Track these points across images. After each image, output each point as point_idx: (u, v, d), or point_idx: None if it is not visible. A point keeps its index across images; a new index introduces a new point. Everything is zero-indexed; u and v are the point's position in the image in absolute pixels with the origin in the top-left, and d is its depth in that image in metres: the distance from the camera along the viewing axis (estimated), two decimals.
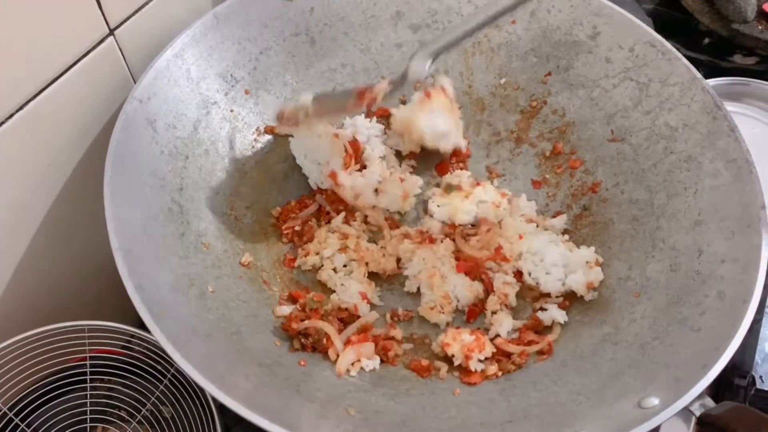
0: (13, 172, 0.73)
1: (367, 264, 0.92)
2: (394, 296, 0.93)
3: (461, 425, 0.74)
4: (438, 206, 0.97)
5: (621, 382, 0.72)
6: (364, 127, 1.01)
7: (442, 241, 0.94)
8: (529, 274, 0.90)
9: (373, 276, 0.93)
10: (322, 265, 0.92)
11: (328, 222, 0.96)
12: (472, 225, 0.96)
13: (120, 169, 0.74)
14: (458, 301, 0.90)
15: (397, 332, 0.88)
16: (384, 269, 0.93)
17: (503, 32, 1.01)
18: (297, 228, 0.95)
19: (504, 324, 0.86)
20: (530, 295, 0.91)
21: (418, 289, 0.92)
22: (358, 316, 0.87)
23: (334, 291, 0.90)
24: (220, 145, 0.92)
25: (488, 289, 0.91)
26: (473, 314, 0.90)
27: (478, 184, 0.99)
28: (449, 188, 0.99)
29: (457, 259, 0.93)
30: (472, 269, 0.92)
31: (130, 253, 0.69)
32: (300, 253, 0.93)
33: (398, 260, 0.94)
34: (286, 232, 0.94)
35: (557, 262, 0.89)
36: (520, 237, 0.92)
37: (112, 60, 0.80)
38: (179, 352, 0.64)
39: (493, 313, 0.88)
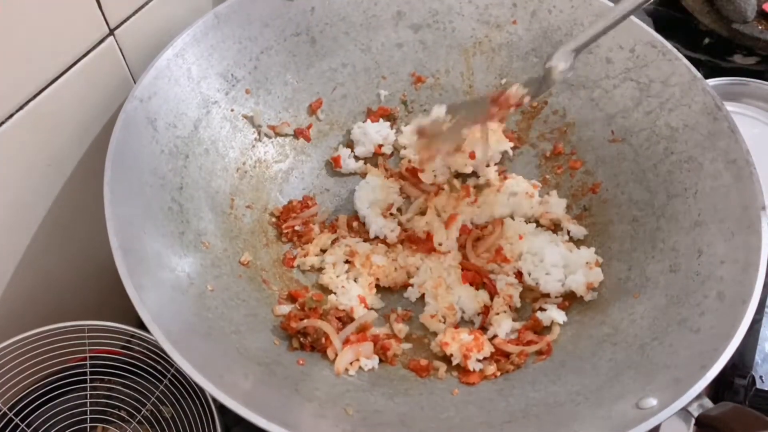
0: (13, 172, 0.73)
1: (377, 279, 0.92)
2: (393, 296, 0.93)
3: (460, 425, 0.74)
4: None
5: (620, 383, 0.72)
6: (373, 131, 1.02)
7: (450, 252, 0.93)
8: (529, 275, 0.90)
9: (380, 287, 0.93)
10: (322, 268, 0.93)
11: (333, 231, 0.96)
12: (479, 226, 0.96)
13: (120, 168, 0.74)
14: (463, 312, 0.89)
15: (402, 327, 0.88)
16: (395, 283, 0.92)
17: (504, 32, 1.01)
18: (297, 228, 0.95)
19: (503, 325, 0.86)
20: (530, 295, 0.91)
21: (421, 296, 0.92)
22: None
23: (333, 292, 0.90)
24: (221, 144, 0.92)
25: (492, 293, 0.91)
26: (485, 321, 0.90)
27: (506, 177, 0.99)
28: (479, 188, 0.99)
29: (463, 269, 0.93)
30: (476, 278, 0.92)
31: (130, 252, 0.69)
32: (299, 253, 0.93)
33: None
34: (285, 231, 0.94)
35: (557, 262, 0.89)
36: (520, 237, 0.92)
37: (112, 60, 0.80)
38: (178, 350, 0.64)
39: (497, 314, 0.88)
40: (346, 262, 0.93)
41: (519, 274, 0.91)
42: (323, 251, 0.94)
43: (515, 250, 0.92)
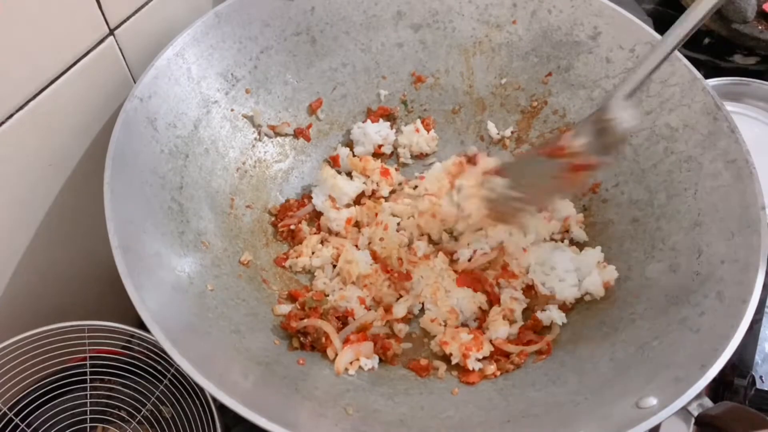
0: (13, 172, 0.73)
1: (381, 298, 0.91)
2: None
3: (459, 425, 0.74)
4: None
5: (619, 382, 0.72)
6: (373, 132, 1.02)
7: (435, 256, 0.93)
8: (543, 285, 0.89)
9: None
10: (313, 273, 0.92)
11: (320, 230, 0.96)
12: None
13: (120, 168, 0.74)
14: (462, 313, 0.89)
15: (402, 327, 0.88)
16: (389, 305, 0.90)
17: (504, 32, 1.01)
18: (292, 227, 0.95)
19: (500, 330, 0.86)
20: (541, 301, 0.90)
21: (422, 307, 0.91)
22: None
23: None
24: (221, 144, 0.92)
25: (492, 301, 0.90)
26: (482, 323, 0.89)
27: None
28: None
29: (455, 272, 0.92)
30: (474, 283, 0.91)
31: (130, 251, 0.69)
32: (292, 254, 0.93)
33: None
34: (281, 230, 0.94)
35: (569, 267, 0.88)
36: (524, 251, 0.91)
37: (112, 60, 0.80)
38: (178, 350, 0.64)
39: (493, 320, 0.87)
40: (334, 266, 0.92)
41: (527, 288, 0.90)
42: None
43: (522, 264, 0.91)
